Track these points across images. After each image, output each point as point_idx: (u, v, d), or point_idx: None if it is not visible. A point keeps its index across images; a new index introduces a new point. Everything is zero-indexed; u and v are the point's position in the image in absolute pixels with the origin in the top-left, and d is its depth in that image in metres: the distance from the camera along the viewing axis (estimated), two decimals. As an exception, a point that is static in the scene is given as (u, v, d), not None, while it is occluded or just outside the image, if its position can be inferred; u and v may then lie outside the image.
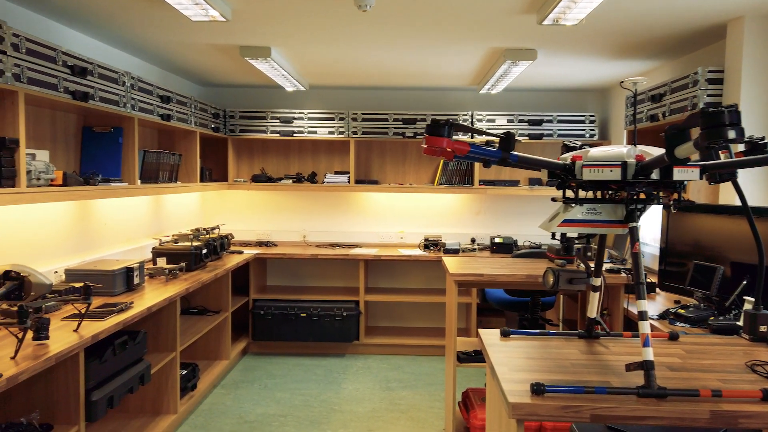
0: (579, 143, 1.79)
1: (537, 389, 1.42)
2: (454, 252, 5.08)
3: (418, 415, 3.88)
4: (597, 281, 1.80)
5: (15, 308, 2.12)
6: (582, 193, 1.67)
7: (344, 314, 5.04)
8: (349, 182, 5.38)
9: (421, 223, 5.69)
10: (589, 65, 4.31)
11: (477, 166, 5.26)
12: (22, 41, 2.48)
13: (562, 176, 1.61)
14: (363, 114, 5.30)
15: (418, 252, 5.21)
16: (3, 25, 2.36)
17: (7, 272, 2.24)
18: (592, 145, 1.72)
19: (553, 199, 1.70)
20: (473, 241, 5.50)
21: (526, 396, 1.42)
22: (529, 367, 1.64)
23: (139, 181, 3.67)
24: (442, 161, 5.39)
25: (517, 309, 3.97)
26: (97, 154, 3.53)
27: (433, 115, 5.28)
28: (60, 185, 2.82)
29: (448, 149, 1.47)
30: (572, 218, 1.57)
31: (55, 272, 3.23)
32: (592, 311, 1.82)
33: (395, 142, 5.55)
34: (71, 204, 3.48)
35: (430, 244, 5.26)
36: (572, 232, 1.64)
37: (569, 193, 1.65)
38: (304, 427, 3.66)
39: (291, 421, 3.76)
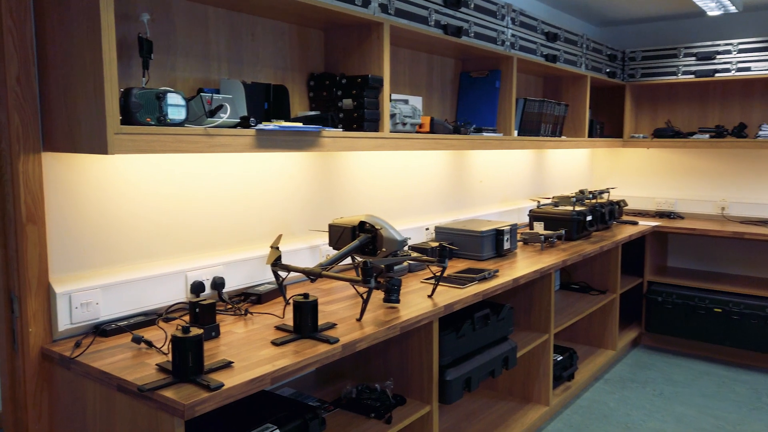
0: None
1: None
2: None
3: None
4: None
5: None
6: None
7: (782, 318, 3.63)
8: (800, 134, 3.82)
9: None
10: None
11: None
12: (388, -35, 2.21)
13: None
14: (832, 34, 3.65)
15: None
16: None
17: (362, 223, 2.02)
18: None
19: None
20: None
21: None
22: None
23: (515, 132, 3.19)
24: None
25: None
26: (474, 102, 3.19)
27: None
28: (426, 132, 2.53)
29: None
30: None
31: (426, 229, 3.03)
32: None
33: None
34: (448, 156, 3.24)
35: None
36: None
37: None
38: (718, 468, 2.65)
39: (696, 452, 2.78)
